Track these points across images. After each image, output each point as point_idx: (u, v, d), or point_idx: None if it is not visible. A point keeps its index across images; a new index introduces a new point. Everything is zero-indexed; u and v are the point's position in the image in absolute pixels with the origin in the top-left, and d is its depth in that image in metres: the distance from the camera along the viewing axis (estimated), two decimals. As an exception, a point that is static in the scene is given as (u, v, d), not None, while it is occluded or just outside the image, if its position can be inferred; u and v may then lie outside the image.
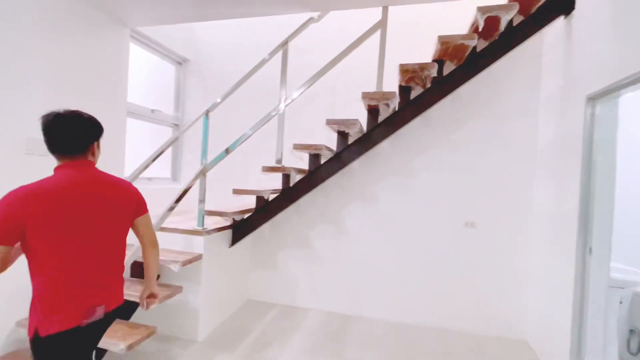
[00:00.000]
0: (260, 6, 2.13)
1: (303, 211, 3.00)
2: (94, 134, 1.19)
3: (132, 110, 2.74)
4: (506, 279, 2.60)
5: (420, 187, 2.76)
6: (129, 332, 1.84)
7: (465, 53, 2.14)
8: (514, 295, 2.58)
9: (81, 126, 1.16)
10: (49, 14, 1.99)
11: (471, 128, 2.65)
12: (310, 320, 2.74)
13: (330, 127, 2.22)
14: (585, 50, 1.92)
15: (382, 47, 2.08)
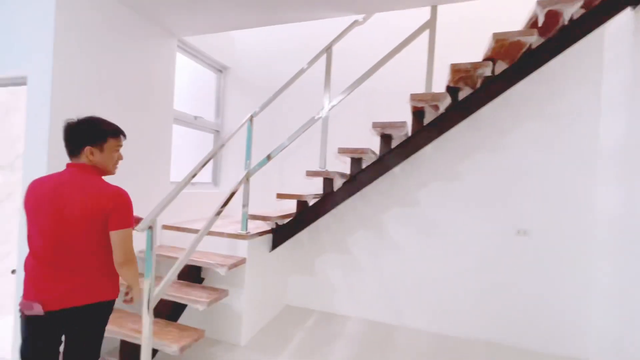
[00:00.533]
0: (307, 11, 2.14)
1: (341, 216, 2.96)
2: (85, 139, 1.29)
3: (177, 117, 2.84)
4: (564, 292, 2.41)
5: (467, 193, 2.63)
6: (180, 335, 1.87)
7: (521, 51, 2.02)
8: (573, 309, 2.38)
9: (73, 132, 1.30)
10: (108, 25, 2.10)
11: (522, 130, 2.50)
12: (351, 329, 2.68)
13: (375, 130, 2.17)
14: (662, 42, 1.75)
15: (431, 47, 2.02)
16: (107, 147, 1.33)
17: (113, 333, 1.88)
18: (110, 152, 1.35)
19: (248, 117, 2.41)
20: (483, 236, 2.59)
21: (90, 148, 1.28)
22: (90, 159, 1.29)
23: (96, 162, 1.31)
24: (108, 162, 1.35)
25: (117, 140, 1.38)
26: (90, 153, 1.29)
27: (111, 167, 1.38)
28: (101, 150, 1.31)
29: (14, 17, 1.92)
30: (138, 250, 2.37)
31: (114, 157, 1.38)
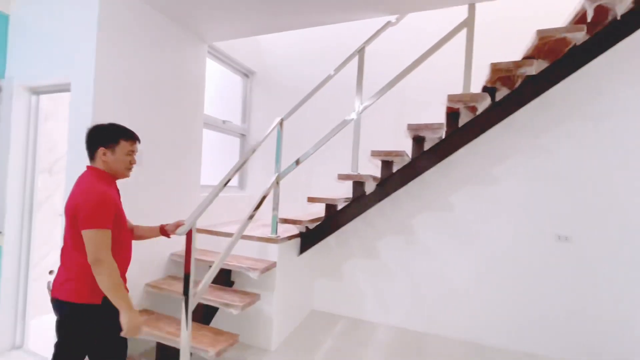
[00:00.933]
0: (341, 13, 2.12)
1: (370, 220, 2.90)
2: (99, 140, 1.35)
3: (206, 121, 2.87)
4: (609, 301, 2.27)
5: (502, 197, 2.53)
6: (215, 339, 1.86)
7: (566, 48, 1.93)
8: (619, 320, 2.24)
9: (90, 135, 1.37)
10: (145, 33, 2.14)
11: (562, 131, 2.38)
12: (381, 336, 2.61)
13: (409, 132, 2.12)
14: None
15: (469, 47, 1.95)
16: (118, 149, 1.37)
17: (149, 335, 1.89)
18: (122, 154, 1.38)
19: (278, 121, 2.40)
20: (520, 242, 2.48)
21: (103, 149, 1.35)
22: (103, 160, 1.35)
23: (109, 164, 1.36)
24: (120, 164, 1.38)
25: (130, 144, 1.41)
26: (103, 154, 1.35)
27: (123, 169, 1.41)
28: (113, 151, 1.36)
29: (58, 28, 1.99)
30: (170, 253, 2.42)
31: (126, 160, 1.40)
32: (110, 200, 1.29)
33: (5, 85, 2.18)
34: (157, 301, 2.30)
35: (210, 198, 1.69)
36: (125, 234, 1.41)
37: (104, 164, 1.36)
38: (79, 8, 1.91)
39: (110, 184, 1.39)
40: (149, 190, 2.22)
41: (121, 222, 1.37)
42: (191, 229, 1.56)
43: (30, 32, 2.13)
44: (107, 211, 1.26)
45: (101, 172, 1.37)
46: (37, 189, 2.27)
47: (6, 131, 2.17)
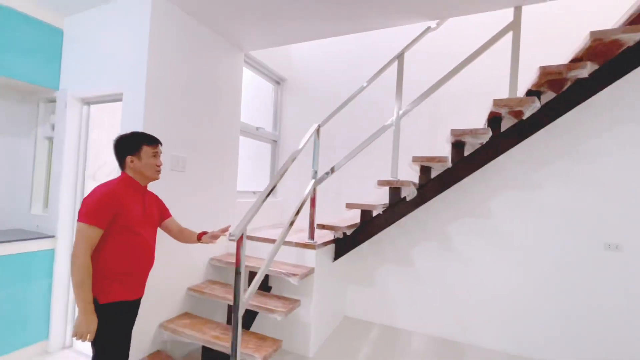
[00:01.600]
0: (383, 19, 2.12)
1: (404, 226, 2.87)
2: (125, 150, 1.44)
3: (241, 128, 2.92)
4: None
5: (545, 203, 2.45)
6: (259, 344, 1.88)
7: (617, 50, 1.86)
8: (681, 336, 2.11)
9: (116, 147, 1.46)
10: (189, 44, 2.22)
11: (611, 135, 2.29)
12: (417, 344, 2.56)
13: (452, 137, 2.09)
14: None
15: (516, 50, 1.91)
16: (143, 155, 1.45)
17: (194, 338, 1.93)
18: (147, 158, 1.45)
19: (315, 127, 2.41)
20: (564, 250, 2.39)
21: (130, 157, 1.43)
22: (132, 167, 1.43)
23: (138, 169, 1.44)
24: (148, 168, 1.46)
25: (153, 147, 1.48)
26: (131, 161, 1.43)
27: (151, 172, 1.48)
28: (139, 157, 1.44)
29: (110, 42, 2.09)
30: (210, 258, 2.47)
31: (152, 163, 1.47)
32: (113, 202, 1.32)
33: (59, 97, 2.30)
34: (198, 305, 2.35)
35: (257, 204, 1.72)
36: (137, 239, 1.41)
37: (133, 170, 1.44)
38: (130, 24, 2.00)
39: (136, 190, 1.45)
40: (191, 196, 2.28)
41: (132, 225, 1.38)
42: (242, 235, 1.58)
43: (82, 46, 2.24)
44: (102, 210, 1.29)
45: (129, 178, 1.44)
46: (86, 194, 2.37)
47: (60, 139, 2.28)
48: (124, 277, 1.39)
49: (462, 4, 1.97)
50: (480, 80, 2.64)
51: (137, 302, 1.50)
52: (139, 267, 1.45)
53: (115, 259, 1.35)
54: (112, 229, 1.33)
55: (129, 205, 1.38)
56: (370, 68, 3.07)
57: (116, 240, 1.34)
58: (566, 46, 2.28)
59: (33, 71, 2.20)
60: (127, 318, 1.46)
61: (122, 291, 1.38)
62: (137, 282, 1.46)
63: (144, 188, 1.51)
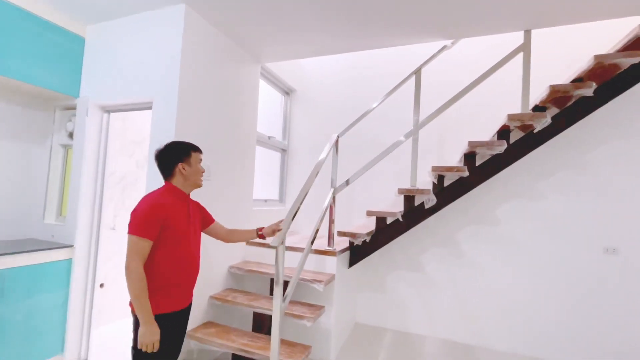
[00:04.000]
0: (401, 37, 2.26)
1: (414, 233, 2.97)
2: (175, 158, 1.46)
3: (257, 138, 2.97)
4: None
5: (548, 211, 2.62)
6: (290, 350, 1.91)
7: (615, 72, 2.07)
8: (674, 333, 2.30)
9: (164, 155, 1.47)
10: (214, 55, 2.27)
11: (608, 148, 2.50)
12: (431, 349, 2.64)
13: (469, 148, 2.22)
14: None
15: (527, 70, 2.09)
16: (192, 161, 1.48)
17: (224, 347, 1.93)
18: (196, 164, 1.49)
19: (335, 138, 2.50)
20: (567, 255, 2.56)
21: (181, 164, 1.45)
22: (183, 174, 1.45)
23: (188, 176, 1.46)
24: (196, 174, 1.49)
25: (199, 154, 1.52)
26: (182, 168, 1.44)
27: (198, 178, 1.51)
28: (189, 164, 1.46)
29: (138, 52, 2.12)
30: (229, 266, 2.48)
31: (200, 169, 1.51)
32: (161, 213, 1.33)
33: (80, 104, 2.29)
34: (220, 313, 2.34)
35: (292, 212, 1.77)
36: (183, 249, 1.42)
37: (183, 177, 1.46)
38: (162, 34, 2.04)
39: (181, 199, 1.46)
40: (214, 204, 2.29)
41: (178, 236, 1.39)
42: (283, 243, 1.62)
43: (105, 55, 2.25)
44: (152, 222, 1.30)
45: (174, 188, 1.45)
46: (105, 204, 2.34)
47: (80, 147, 2.26)
48: (172, 288, 1.39)
49: (476, 25, 2.13)
50: (485, 94, 2.82)
51: (185, 311, 1.49)
52: (186, 277, 1.45)
53: (163, 271, 1.36)
54: (159, 240, 1.34)
55: (175, 216, 1.39)
56: (375, 82, 3.23)
57: (163, 252, 1.35)
58: (559, 66, 2.51)
59: (52, 77, 2.18)
60: (177, 329, 1.45)
61: (170, 302, 1.39)
62: (185, 292, 1.46)
63: (188, 196, 1.53)
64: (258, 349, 1.87)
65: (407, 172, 2.92)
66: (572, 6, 1.86)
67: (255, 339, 2.01)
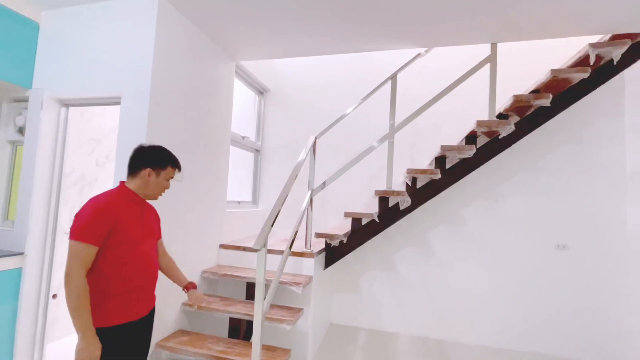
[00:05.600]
0: (377, 42, 2.32)
1: (387, 234, 3.05)
2: (150, 160, 1.37)
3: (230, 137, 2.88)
4: (603, 302, 2.61)
5: (509, 211, 2.83)
6: (271, 355, 1.87)
7: (567, 85, 2.29)
8: (613, 319, 2.58)
9: (142, 153, 1.39)
10: (188, 51, 2.17)
11: (559, 153, 2.75)
12: (406, 346, 2.73)
13: (441, 151, 2.34)
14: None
15: (493, 80, 2.24)
16: (163, 174, 1.39)
17: (199, 355, 1.85)
18: (164, 179, 1.40)
19: (312, 140, 2.50)
20: (525, 251, 2.78)
21: (150, 170, 1.35)
22: (146, 180, 1.36)
23: (149, 185, 1.36)
24: (158, 188, 1.40)
25: (173, 171, 1.43)
26: (148, 174, 1.35)
27: (158, 192, 1.41)
28: (158, 174, 1.37)
29: (106, 43, 1.96)
30: (202, 270, 2.38)
31: (165, 185, 1.42)
32: (109, 216, 1.22)
33: (33, 96, 2.07)
34: (193, 320, 2.24)
35: (274, 213, 1.74)
36: (136, 253, 1.30)
37: (144, 183, 1.36)
38: (133, 26, 1.91)
39: (134, 202, 1.35)
40: (187, 205, 2.19)
41: (130, 239, 1.28)
42: (264, 247, 1.59)
43: (64, 44, 2.06)
44: (98, 226, 1.19)
45: (128, 191, 1.35)
46: (61, 207, 2.14)
47: (32, 144, 2.04)
48: (126, 296, 1.27)
49: (448, 36, 2.25)
50: (455, 101, 2.97)
51: (145, 320, 1.37)
52: (141, 283, 1.33)
53: (114, 278, 1.23)
54: (108, 244, 1.22)
55: (126, 218, 1.28)
56: (350, 85, 3.29)
57: (113, 257, 1.23)
58: (521, 77, 2.73)
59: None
60: (136, 340, 1.33)
61: (124, 312, 1.27)
62: (141, 299, 1.34)
63: (143, 200, 1.41)
64: (236, 355, 1.81)
65: (380, 174, 3.02)
66: (533, 24, 2.03)
67: (232, 345, 1.94)
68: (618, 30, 2.04)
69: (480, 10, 1.91)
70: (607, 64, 2.29)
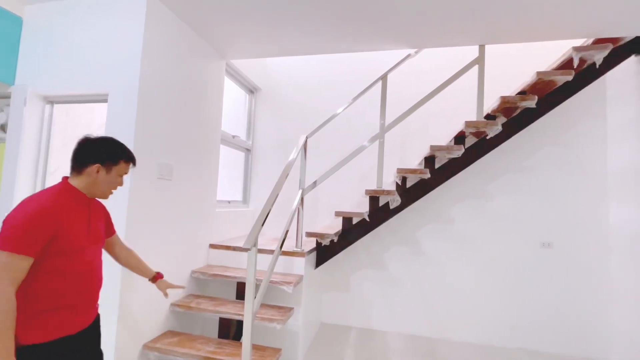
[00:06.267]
0: (368, 43, 2.33)
1: (376, 233, 3.08)
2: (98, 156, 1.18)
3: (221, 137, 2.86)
4: (585, 298, 2.69)
5: (496, 210, 2.89)
6: (262, 355, 1.86)
7: (552, 87, 2.35)
8: (594, 314, 2.66)
9: (88, 147, 1.19)
10: (178, 46, 2.15)
11: (543, 154, 2.82)
12: (396, 344, 2.76)
13: (431, 151, 2.37)
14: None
15: (481, 81, 2.28)
16: (115, 170, 1.21)
17: (188, 356, 1.83)
18: (116, 175, 1.22)
19: (303, 139, 2.50)
20: (510, 249, 2.84)
21: (99, 166, 1.17)
22: (93, 178, 1.17)
23: (97, 183, 1.18)
24: (108, 186, 1.22)
25: (127, 166, 1.26)
26: (97, 171, 1.17)
27: (108, 190, 1.24)
28: (108, 171, 1.19)
29: (93, 39, 1.92)
30: (192, 270, 2.35)
31: (117, 182, 1.25)
32: (49, 222, 1.04)
33: (16, 93, 2.01)
34: (182, 321, 2.21)
35: (264, 212, 1.73)
36: (78, 262, 1.13)
37: (91, 181, 1.17)
38: (121, 22, 1.88)
39: (80, 203, 1.17)
40: (176, 205, 2.17)
41: (75, 248, 1.11)
42: (255, 246, 1.58)
43: (49, 40, 2.01)
44: (34, 234, 1.01)
45: (73, 190, 1.15)
46: (45, 205, 2.08)
47: (15, 142, 1.98)
48: (63, 310, 1.10)
49: (437, 38, 2.27)
50: (442, 102, 3.02)
51: (87, 332, 1.20)
52: (82, 297, 1.16)
53: (46, 291, 1.06)
54: (46, 254, 1.04)
55: (69, 223, 1.09)
56: (340, 85, 3.30)
57: (49, 268, 1.06)
58: (509, 79, 2.78)
59: (-20, 61, 1.89)
60: (77, 354, 1.16)
61: (60, 326, 1.10)
62: (82, 312, 1.17)
63: (90, 199, 1.22)
64: (227, 355, 1.80)
65: (370, 174, 3.04)
66: (519, 27, 2.07)
67: (222, 345, 1.93)
68: (600, 34, 2.11)
69: (469, 13, 1.94)
70: (590, 67, 2.36)
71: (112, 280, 1.72)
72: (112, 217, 1.41)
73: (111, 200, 1.75)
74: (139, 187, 1.84)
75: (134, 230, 1.80)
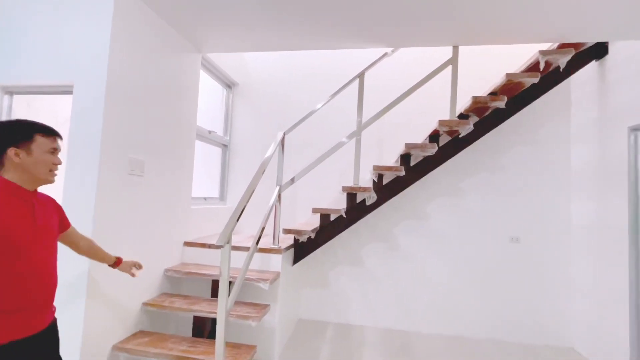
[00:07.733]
0: (344, 40, 2.34)
1: (354, 229, 3.12)
2: (7, 139, 1.07)
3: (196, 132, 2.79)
4: (551, 289, 2.84)
5: (468, 206, 2.99)
6: (236, 352, 1.85)
7: (520, 89, 2.45)
8: (559, 304, 2.82)
9: None
10: (150, 38, 2.07)
11: (513, 153, 2.95)
12: (372, 338, 2.81)
13: (405, 149, 2.42)
14: (624, 88, 2.28)
15: (454, 81, 2.35)
16: (35, 148, 1.08)
17: (160, 356, 1.79)
18: (41, 152, 1.09)
19: (281, 135, 2.49)
20: (484, 244, 2.95)
21: (15, 149, 1.05)
22: (17, 163, 1.05)
23: (25, 167, 1.07)
24: (40, 166, 1.09)
25: (50, 140, 1.12)
26: (16, 155, 1.05)
27: (44, 171, 1.10)
28: (28, 151, 1.07)
29: (57, 29, 1.82)
30: (165, 269, 2.30)
31: (48, 160, 1.11)
32: None
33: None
34: (155, 320, 2.16)
35: (239, 209, 1.72)
36: (25, 263, 1.05)
37: (19, 169, 1.06)
38: (87, 9, 1.79)
39: (21, 198, 1.07)
40: (149, 202, 2.10)
41: (18, 248, 1.03)
42: (229, 243, 1.56)
43: (9, 27, 1.88)
44: None
45: (8, 184, 1.05)
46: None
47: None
48: (9, 314, 1.02)
49: (412, 38, 2.31)
50: (418, 100, 3.08)
51: (40, 337, 1.11)
52: (31, 300, 1.07)
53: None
54: None
55: (9, 221, 1.02)
56: (319, 82, 3.30)
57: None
58: (480, 80, 2.88)
59: None
60: None
61: (7, 331, 1.01)
62: (31, 316, 1.08)
63: (34, 193, 1.12)
64: (200, 354, 1.77)
65: (348, 171, 3.07)
66: (490, 30, 2.15)
67: (195, 344, 1.90)
68: (564, 39, 2.22)
69: (442, 15, 1.99)
70: (555, 71, 2.48)
71: (78, 279, 1.65)
72: (77, 213, 1.36)
73: (75, 196, 1.69)
74: (108, 183, 1.77)
75: (102, 226, 1.73)
